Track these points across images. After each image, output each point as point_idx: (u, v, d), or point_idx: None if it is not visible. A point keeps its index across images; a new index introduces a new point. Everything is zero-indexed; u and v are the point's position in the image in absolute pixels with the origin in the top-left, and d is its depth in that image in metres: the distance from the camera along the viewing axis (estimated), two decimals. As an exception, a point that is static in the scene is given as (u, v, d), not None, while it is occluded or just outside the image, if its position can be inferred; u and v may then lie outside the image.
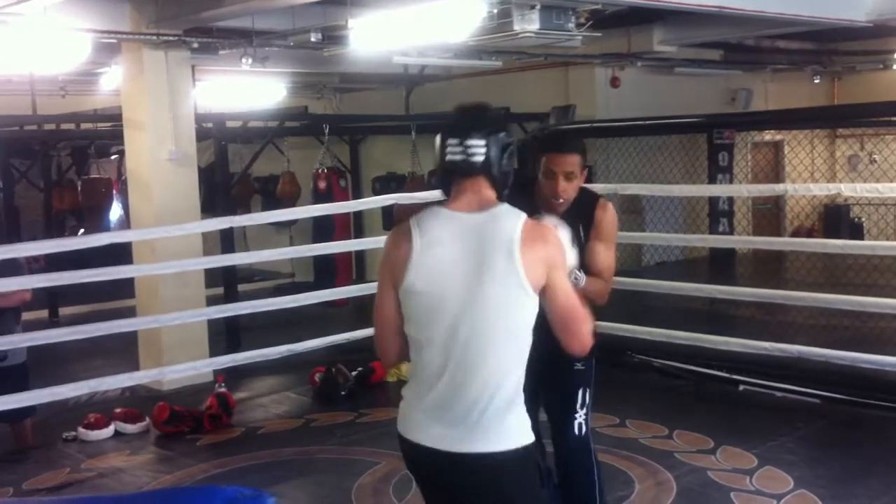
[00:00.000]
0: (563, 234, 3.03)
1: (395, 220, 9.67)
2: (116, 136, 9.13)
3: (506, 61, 9.67)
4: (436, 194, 3.80)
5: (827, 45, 12.59)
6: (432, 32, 6.69)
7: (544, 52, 9.62)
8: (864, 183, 8.07)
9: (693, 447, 5.53)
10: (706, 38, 10.80)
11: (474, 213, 2.60)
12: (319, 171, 10.46)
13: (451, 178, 2.69)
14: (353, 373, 7.11)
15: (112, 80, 9.22)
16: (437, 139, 2.71)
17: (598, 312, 3.10)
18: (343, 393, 6.97)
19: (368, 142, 13.14)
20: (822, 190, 8.34)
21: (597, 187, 8.99)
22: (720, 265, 11.25)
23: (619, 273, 4.12)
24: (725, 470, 5.14)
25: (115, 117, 9.06)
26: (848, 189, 6.58)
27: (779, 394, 6.49)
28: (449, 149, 2.67)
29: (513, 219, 2.58)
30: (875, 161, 13.58)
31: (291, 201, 11.80)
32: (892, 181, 7.91)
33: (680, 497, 4.80)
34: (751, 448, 5.44)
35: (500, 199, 2.68)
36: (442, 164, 2.70)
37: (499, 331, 2.53)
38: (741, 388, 6.70)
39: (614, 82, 11.55)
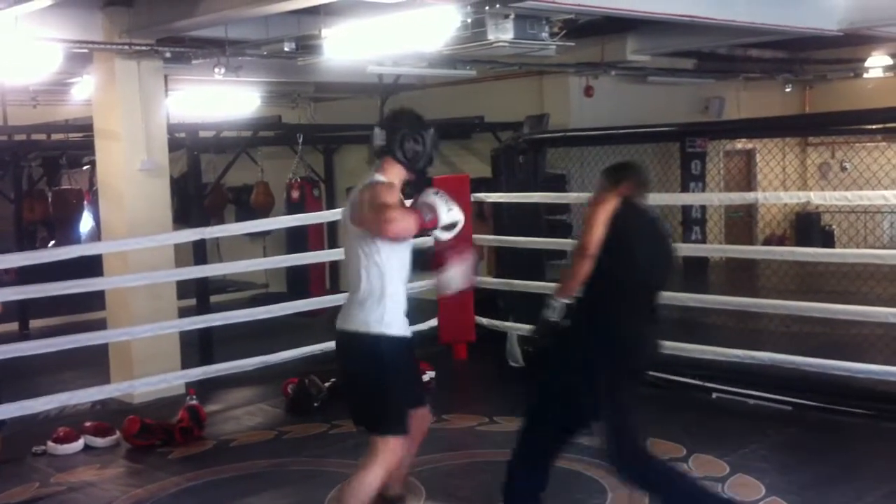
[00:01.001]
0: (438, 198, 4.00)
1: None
2: (88, 147, 9.08)
3: (480, 70, 9.70)
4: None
5: (798, 53, 12.71)
6: (406, 42, 6.70)
7: (518, 62, 9.66)
8: (834, 191, 8.15)
9: (665, 455, 5.53)
10: (679, 47, 10.87)
11: None
12: (293, 180, 10.44)
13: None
14: (327, 384, 7.07)
15: (84, 90, 9.15)
16: None
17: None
18: (316, 405, 6.93)
19: (343, 151, 13.11)
20: (792, 198, 8.44)
21: (571, 196, 9.07)
22: (693, 273, 11.30)
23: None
24: (697, 477, 5.15)
25: (86, 127, 9.01)
26: (818, 197, 6.65)
27: (751, 401, 6.52)
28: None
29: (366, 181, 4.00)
30: (846, 169, 13.72)
31: (265, 211, 11.76)
32: (862, 189, 7.97)
33: (653, 505, 4.81)
34: (723, 455, 5.46)
35: (410, 172, 4.10)
36: None
37: (351, 255, 4.00)
38: (714, 395, 6.73)
39: (588, 91, 11.59)
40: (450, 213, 3.98)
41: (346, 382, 4.35)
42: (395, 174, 4.06)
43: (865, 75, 12.84)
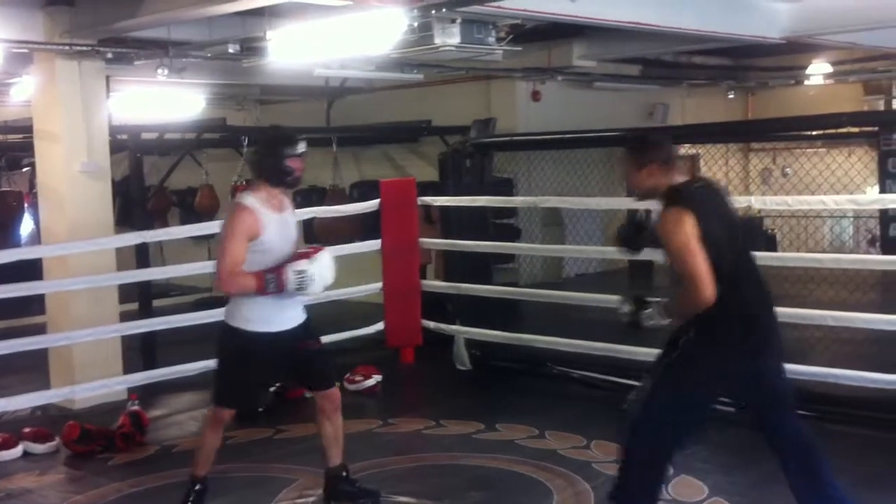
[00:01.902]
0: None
1: (317, 232, 9.61)
2: (28, 148, 8.91)
3: (427, 74, 9.70)
4: (357, 207, 4.28)
5: (742, 60, 12.91)
6: (353, 45, 6.66)
7: (466, 66, 9.68)
8: (775, 196, 8.28)
9: (611, 457, 5.54)
10: (625, 53, 10.99)
11: None
12: (238, 183, 10.33)
13: None
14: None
15: (23, 91, 8.98)
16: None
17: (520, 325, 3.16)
18: (261, 409, 6.86)
19: (289, 154, 13.00)
20: (734, 203, 8.51)
21: (516, 201, 9.11)
22: (638, 276, 11.40)
23: (540, 285, 4.18)
24: None
25: (26, 129, 8.83)
26: (758, 202, 6.73)
27: (695, 403, 6.57)
28: None
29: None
30: (787, 174, 13.94)
31: (210, 214, 11.62)
32: (802, 194, 8.10)
33: (598, 507, 4.83)
34: (667, 458, 5.49)
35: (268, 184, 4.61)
36: None
37: None
38: (659, 398, 6.77)
39: (535, 96, 11.66)
40: (301, 280, 4.45)
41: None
42: (265, 192, 4.58)
43: (806, 82, 13.09)
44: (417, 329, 8.25)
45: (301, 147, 4.64)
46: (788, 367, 6.05)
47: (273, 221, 4.52)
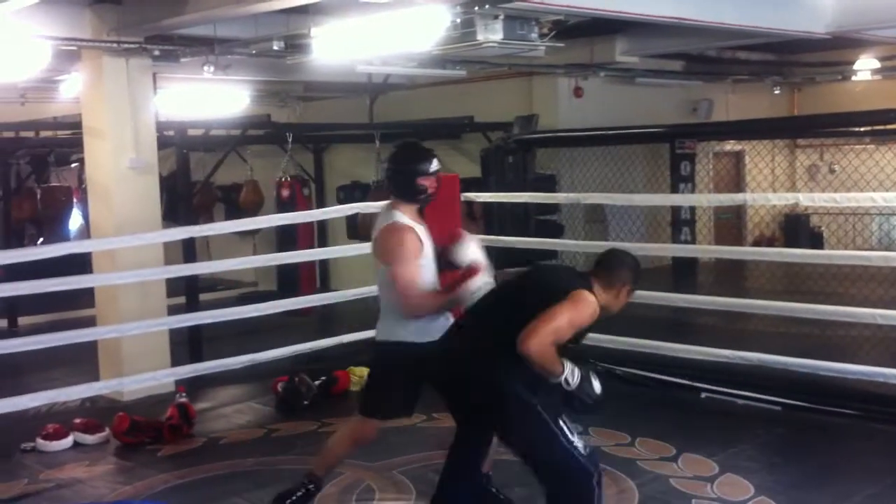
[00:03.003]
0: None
1: (360, 228, 9.65)
2: (76, 144, 9.04)
3: (470, 71, 9.70)
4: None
5: (787, 56, 12.75)
6: (396, 41, 6.69)
7: (508, 62, 9.67)
8: (822, 193, 8.19)
9: (655, 454, 5.56)
10: (667, 48, 10.90)
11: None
12: (283, 179, 10.42)
13: None
14: (316, 382, 7.07)
15: (72, 88, 9.12)
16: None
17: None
18: (306, 403, 6.93)
19: (332, 150, 13.10)
20: (780, 200, 8.45)
21: (559, 197, 9.10)
22: (682, 274, 11.33)
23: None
24: (686, 477, 5.17)
25: (74, 125, 8.97)
26: (806, 199, 6.67)
27: (740, 401, 6.54)
28: None
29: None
30: (834, 171, 13.78)
31: (254, 210, 11.74)
32: (850, 191, 8.01)
33: (642, 504, 4.83)
34: (711, 455, 5.48)
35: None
36: None
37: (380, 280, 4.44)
38: (703, 395, 6.75)
39: (577, 92, 11.62)
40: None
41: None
42: (408, 210, 4.42)
43: (854, 78, 12.90)
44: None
45: (434, 165, 4.48)
46: (835, 365, 6.04)
47: (425, 237, 4.43)
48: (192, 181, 9.43)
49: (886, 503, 4.79)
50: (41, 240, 11.85)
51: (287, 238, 9.74)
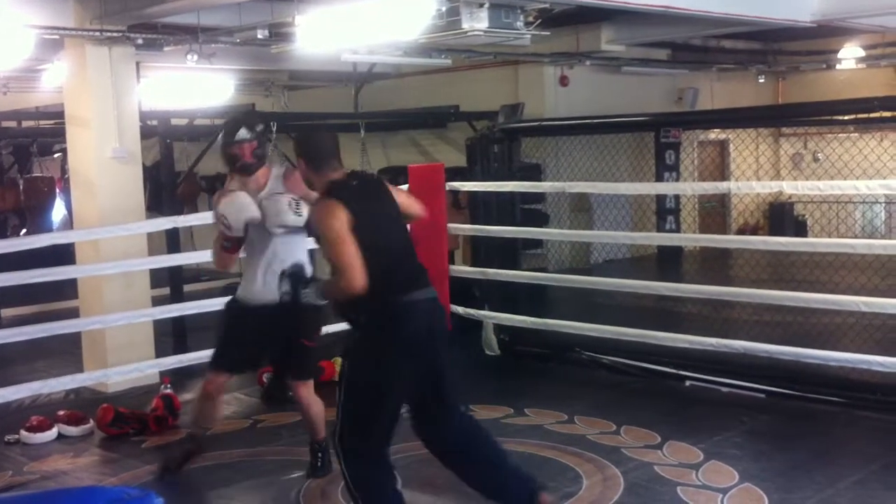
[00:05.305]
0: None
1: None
2: (59, 134, 8.99)
3: (455, 59, 9.69)
4: None
5: (772, 45, 12.80)
6: (381, 30, 6.67)
7: (494, 51, 9.66)
8: (806, 181, 8.21)
9: (640, 442, 5.58)
10: (653, 37, 10.93)
11: None
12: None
13: None
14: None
15: (55, 77, 9.06)
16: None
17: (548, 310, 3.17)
18: (291, 393, 6.89)
19: (317, 140, 13.04)
20: (764, 188, 8.48)
21: (544, 186, 9.10)
22: (667, 262, 11.38)
23: (568, 271, 4.17)
24: (672, 465, 5.19)
25: (57, 115, 8.91)
26: (789, 187, 6.68)
27: (724, 389, 6.56)
28: None
29: None
30: (818, 159, 13.83)
31: (239, 200, 11.68)
32: (834, 179, 8.03)
33: (627, 492, 4.83)
34: (697, 443, 5.50)
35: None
36: None
37: None
38: (688, 383, 6.77)
39: (563, 81, 11.62)
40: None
41: None
42: (235, 179, 5.07)
43: (838, 66, 12.95)
44: (446, 315, 8.24)
45: (241, 135, 4.84)
46: (819, 353, 6.08)
47: (248, 201, 4.93)
48: (176, 171, 9.38)
49: (871, 489, 4.81)
50: (24, 231, 11.79)
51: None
